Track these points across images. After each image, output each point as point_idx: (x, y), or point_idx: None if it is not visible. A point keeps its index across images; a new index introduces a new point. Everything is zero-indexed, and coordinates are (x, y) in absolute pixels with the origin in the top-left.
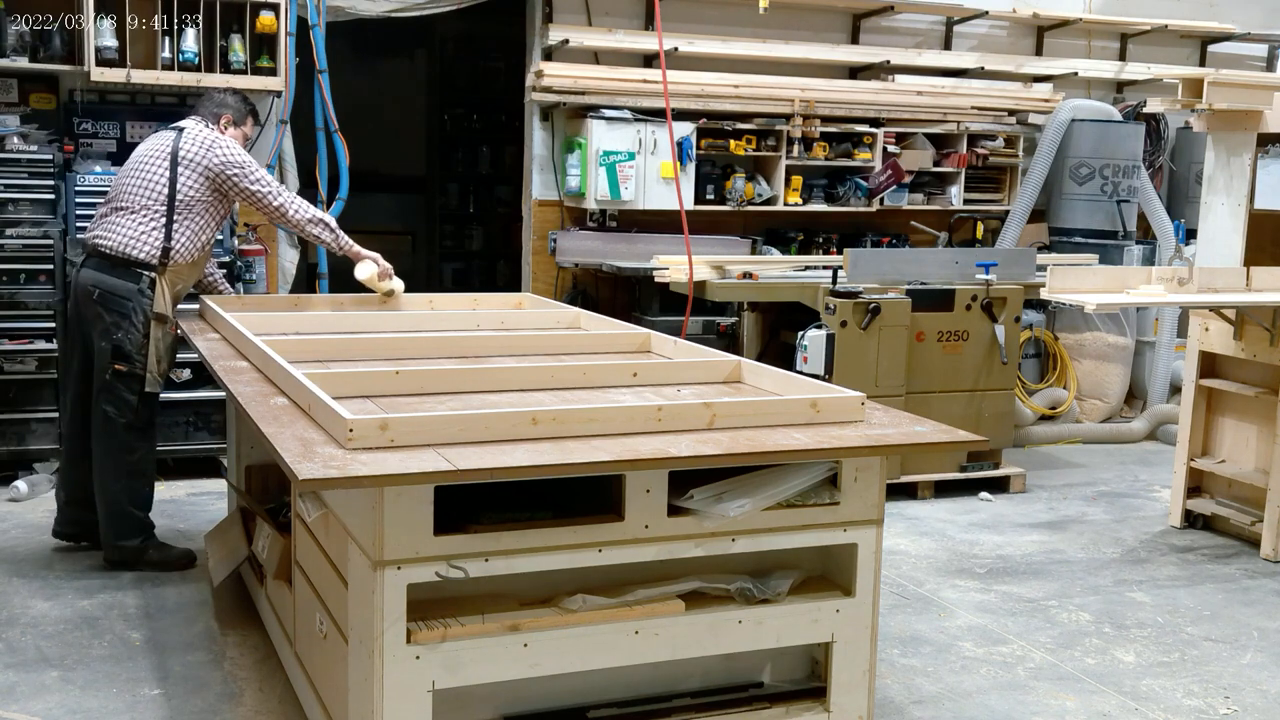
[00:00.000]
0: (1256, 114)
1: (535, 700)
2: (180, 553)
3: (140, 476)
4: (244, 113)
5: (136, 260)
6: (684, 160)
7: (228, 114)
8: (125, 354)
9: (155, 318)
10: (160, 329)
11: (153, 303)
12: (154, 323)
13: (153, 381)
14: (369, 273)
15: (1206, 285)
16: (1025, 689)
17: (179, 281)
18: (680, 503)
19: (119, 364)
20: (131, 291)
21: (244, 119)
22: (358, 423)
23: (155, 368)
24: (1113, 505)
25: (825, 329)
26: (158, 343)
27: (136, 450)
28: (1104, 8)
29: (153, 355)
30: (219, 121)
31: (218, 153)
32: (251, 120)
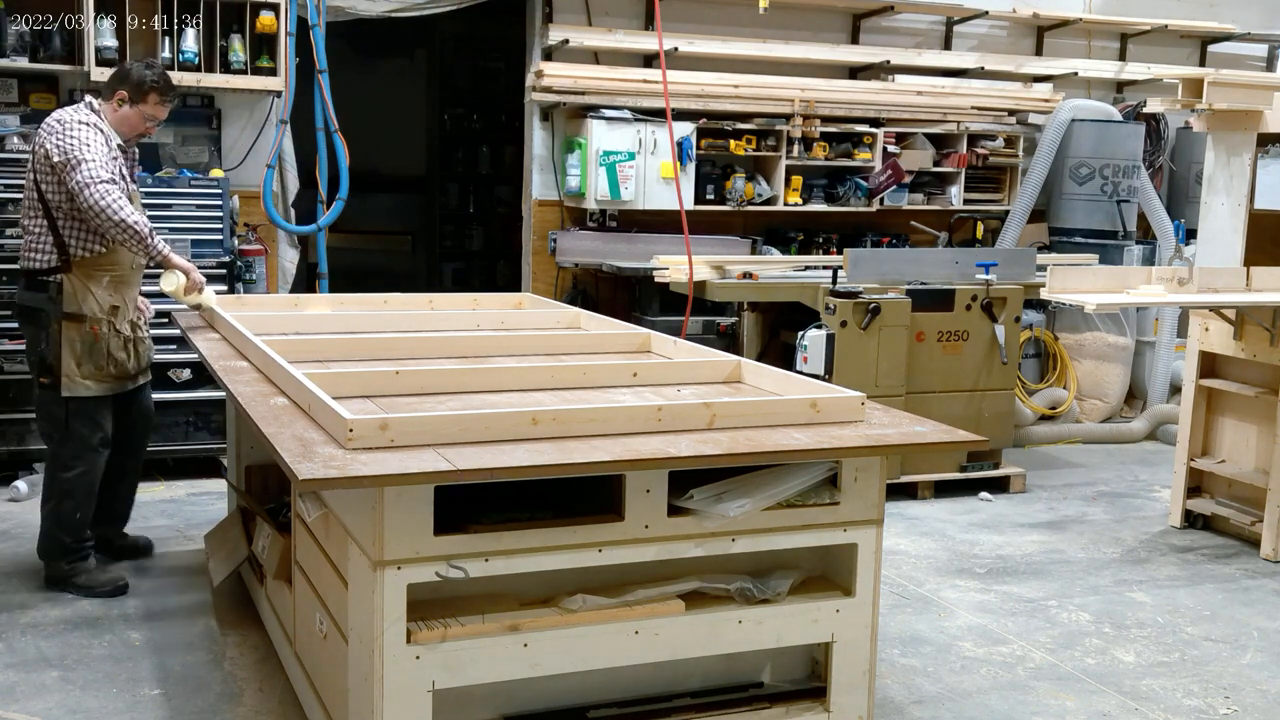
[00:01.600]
0: (1256, 114)
1: (535, 700)
2: (106, 580)
3: (69, 498)
4: (145, 88)
5: (39, 270)
6: (684, 160)
7: (123, 89)
8: (45, 365)
9: (65, 317)
10: (76, 329)
11: (63, 304)
12: (65, 323)
13: (71, 385)
14: (174, 284)
15: (1206, 285)
16: (1025, 689)
17: (104, 273)
18: (680, 503)
19: (42, 377)
20: (42, 301)
21: (143, 95)
22: (358, 423)
23: (73, 370)
24: (1113, 505)
25: (825, 329)
26: (72, 344)
27: (71, 468)
28: (1104, 8)
29: (67, 357)
30: (112, 96)
31: (53, 139)
32: (155, 96)
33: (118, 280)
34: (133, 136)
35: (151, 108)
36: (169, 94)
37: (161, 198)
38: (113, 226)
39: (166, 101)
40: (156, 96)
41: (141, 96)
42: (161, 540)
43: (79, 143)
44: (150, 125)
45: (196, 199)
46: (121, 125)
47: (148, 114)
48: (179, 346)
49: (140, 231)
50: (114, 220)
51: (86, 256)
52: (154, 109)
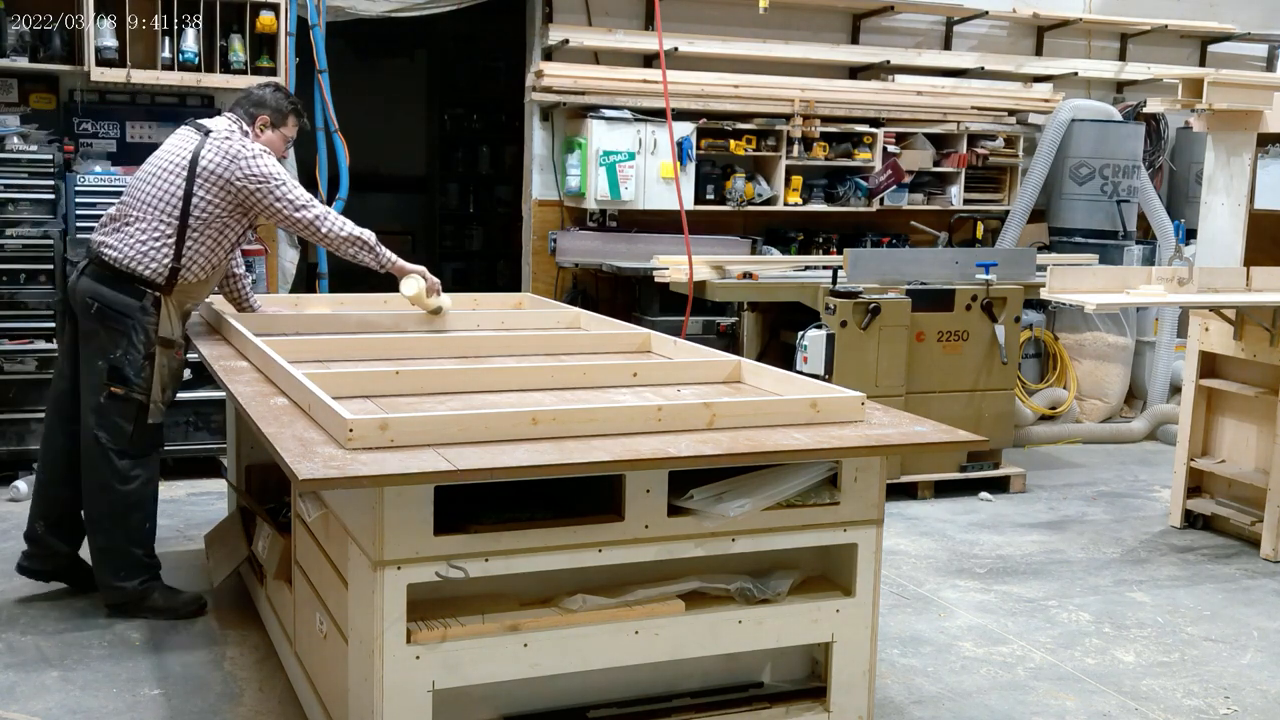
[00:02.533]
0: (1256, 114)
1: (535, 700)
2: (189, 598)
3: (137, 509)
4: (285, 112)
5: (140, 276)
6: (684, 160)
7: (265, 114)
8: (123, 376)
9: (160, 342)
10: (165, 354)
11: (157, 324)
12: (159, 347)
13: (156, 411)
14: (415, 289)
15: (1206, 285)
16: (1025, 689)
17: (188, 300)
18: (680, 503)
19: (115, 386)
20: (133, 309)
21: (284, 119)
22: (358, 423)
23: (159, 396)
24: (1113, 505)
25: (825, 329)
26: (161, 369)
27: (132, 480)
28: (1104, 8)
29: (157, 383)
30: (254, 123)
31: (242, 166)
32: (293, 120)
33: (192, 309)
34: None
35: (290, 130)
36: (304, 116)
37: None
38: (342, 242)
39: (302, 126)
40: (295, 119)
41: (283, 121)
42: (162, 540)
43: (277, 169)
44: (288, 149)
45: None
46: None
47: (288, 136)
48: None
49: (370, 242)
50: (349, 236)
51: (189, 282)
52: (292, 131)
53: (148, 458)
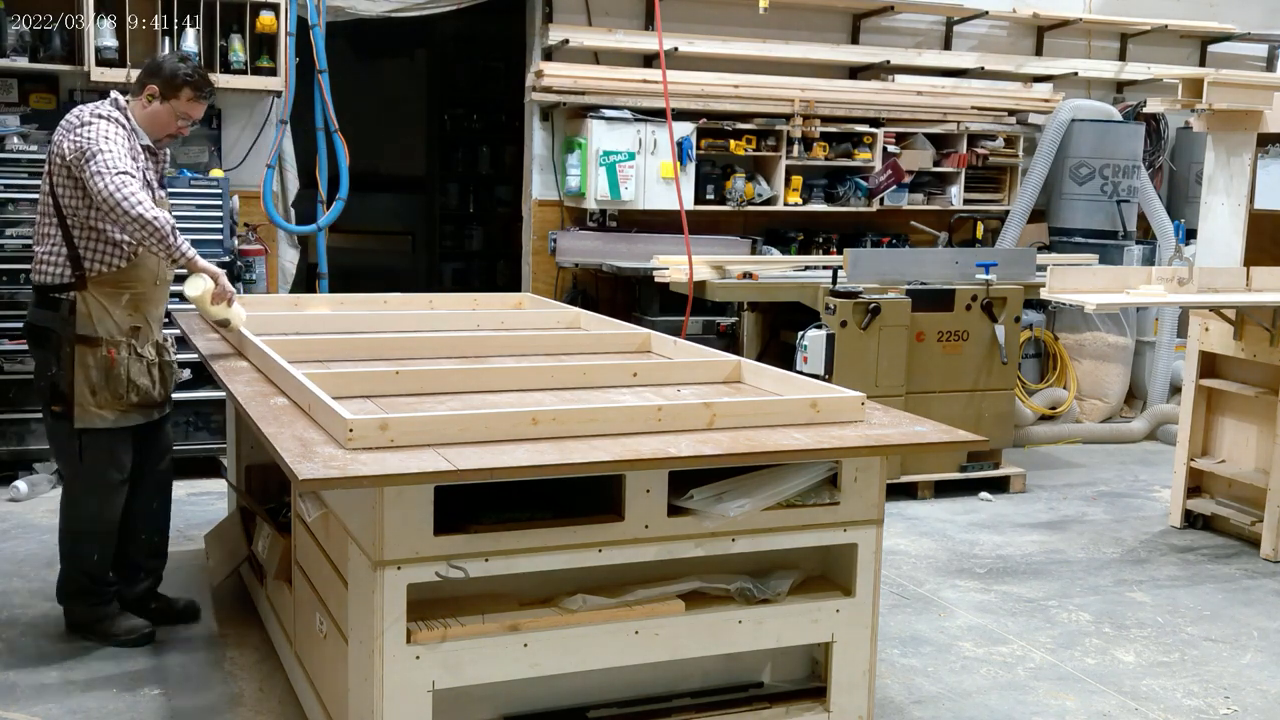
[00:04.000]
0: (1256, 114)
1: (535, 700)
2: (128, 627)
3: (86, 541)
4: (178, 82)
5: (50, 285)
6: (684, 160)
7: (154, 84)
8: (58, 392)
9: (79, 339)
10: (91, 353)
11: (76, 325)
12: (79, 346)
13: (84, 416)
14: (198, 290)
15: (1206, 285)
16: (1025, 689)
17: (124, 290)
18: (680, 503)
19: (55, 405)
20: (53, 320)
21: (175, 90)
22: (358, 423)
23: (87, 399)
24: (1113, 505)
25: (825, 329)
26: (87, 369)
27: (85, 506)
28: (1104, 8)
29: (81, 384)
30: (142, 91)
31: (70, 138)
32: (189, 92)
33: (139, 298)
34: (163, 137)
35: (185, 104)
36: (204, 90)
37: None
38: (130, 222)
39: (201, 98)
40: (190, 92)
41: (173, 92)
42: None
43: (97, 135)
44: (183, 125)
45: (196, 199)
46: (150, 124)
47: (180, 111)
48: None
49: (160, 228)
50: (130, 214)
51: (104, 272)
52: (187, 106)
53: (103, 484)
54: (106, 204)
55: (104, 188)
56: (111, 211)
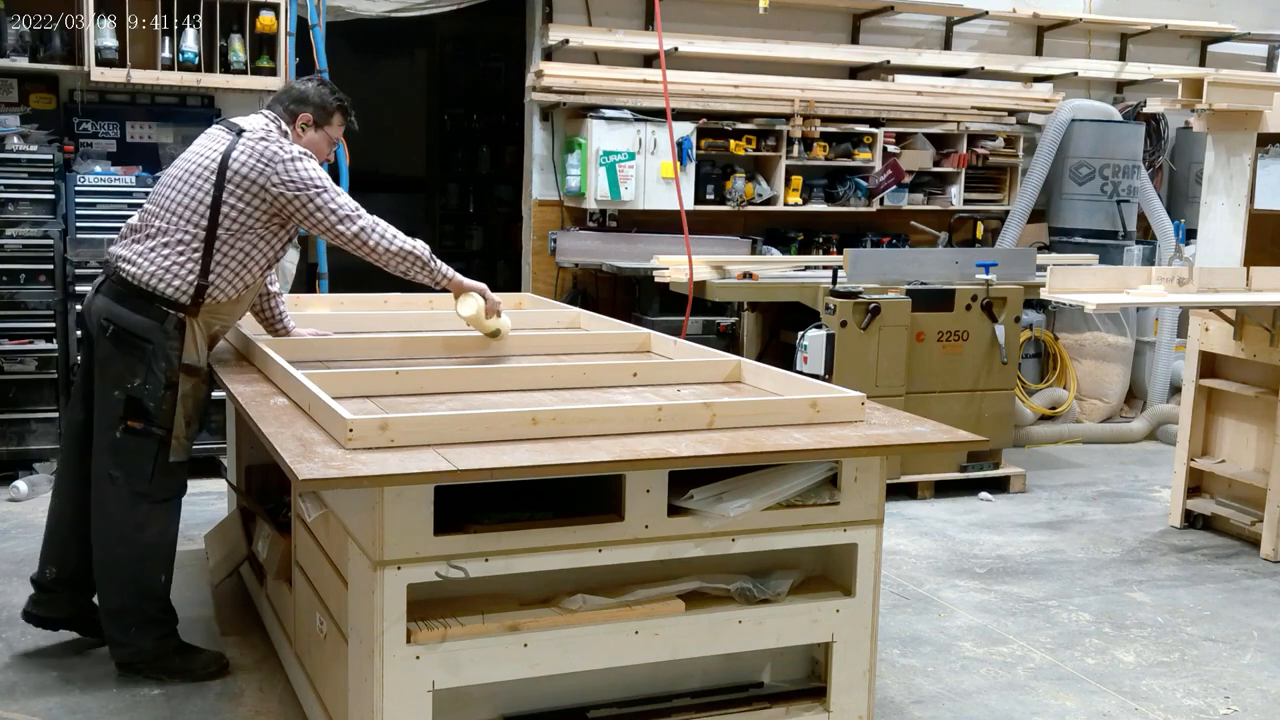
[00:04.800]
0: (1256, 114)
1: (535, 700)
2: (209, 659)
3: (152, 560)
4: (330, 109)
5: (162, 295)
6: (684, 160)
7: (307, 112)
8: (142, 409)
9: (184, 369)
10: (190, 382)
11: (181, 349)
12: (182, 375)
13: (179, 449)
14: (473, 309)
15: (1206, 285)
16: (1025, 689)
17: (216, 322)
18: (680, 503)
19: (133, 420)
20: (153, 331)
21: (329, 117)
22: (358, 423)
23: (182, 431)
24: (1113, 505)
25: (825, 329)
26: (185, 400)
27: (149, 527)
28: (1104, 8)
29: (179, 416)
30: (294, 121)
31: (279, 170)
32: (339, 118)
33: (220, 332)
34: None
35: (336, 130)
36: (352, 112)
37: None
38: (392, 257)
39: (349, 123)
40: (341, 118)
41: (328, 118)
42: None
43: (317, 174)
44: (331, 152)
45: None
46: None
47: (333, 137)
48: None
49: (422, 255)
50: (392, 250)
51: (218, 301)
52: (337, 131)
53: (167, 503)
54: (366, 245)
55: (361, 230)
56: (373, 252)
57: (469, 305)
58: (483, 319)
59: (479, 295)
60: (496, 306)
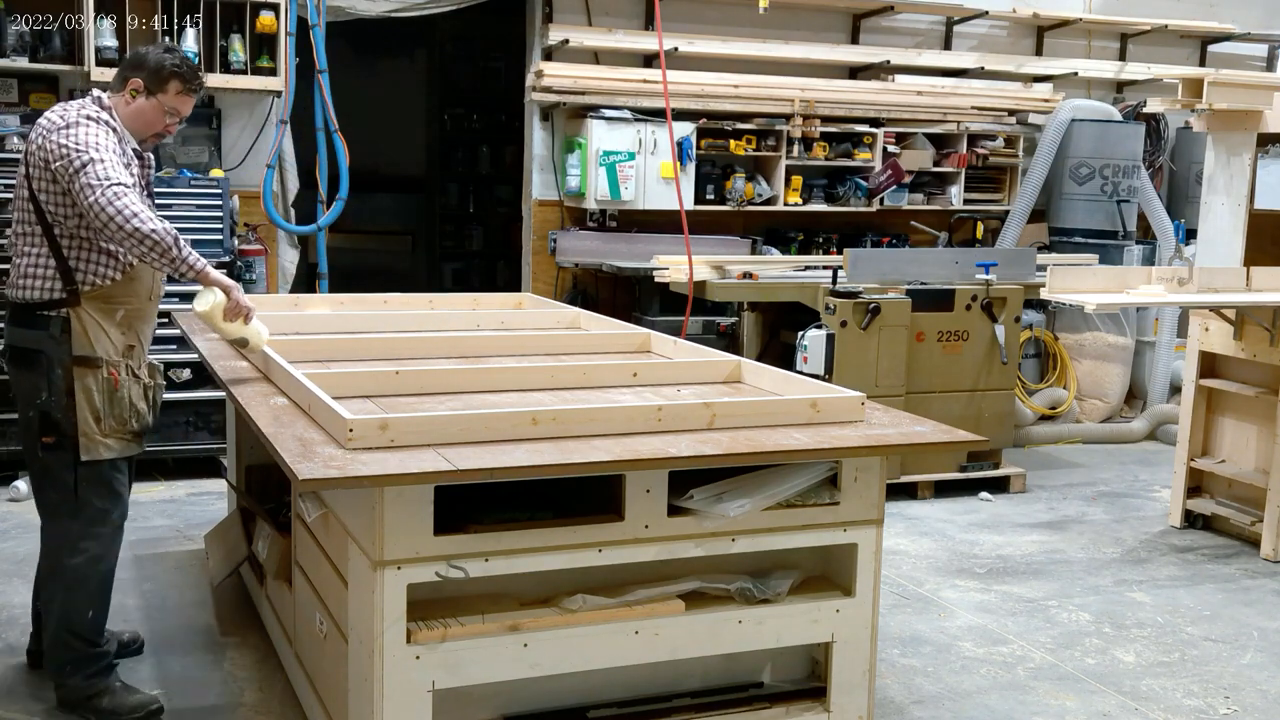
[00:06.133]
0: (1256, 114)
1: (535, 700)
2: (136, 703)
3: (80, 589)
4: (164, 74)
5: (36, 301)
6: (684, 160)
7: (138, 77)
8: (51, 421)
9: (77, 362)
10: (92, 375)
11: (72, 347)
12: (77, 369)
13: (91, 446)
14: (206, 305)
15: (1206, 285)
16: (1025, 689)
17: (118, 306)
18: (680, 503)
19: (46, 435)
20: (42, 340)
21: (162, 83)
22: (358, 423)
23: (92, 428)
24: (1113, 505)
25: (825, 329)
26: (89, 393)
27: (80, 552)
28: (1104, 8)
29: (84, 410)
30: (124, 87)
31: (51, 139)
32: (177, 84)
33: (133, 315)
34: (149, 136)
35: (173, 99)
36: (193, 83)
37: (161, 198)
38: (127, 238)
39: (190, 91)
40: (179, 85)
41: (160, 85)
42: (161, 540)
43: (86, 141)
44: (171, 123)
45: (196, 199)
46: (136, 122)
47: (169, 107)
48: (179, 346)
49: (163, 240)
50: (126, 229)
51: (98, 285)
52: (175, 100)
53: (101, 525)
54: (100, 219)
55: (96, 201)
56: (106, 227)
57: (205, 300)
58: (220, 319)
59: (221, 291)
60: (245, 310)
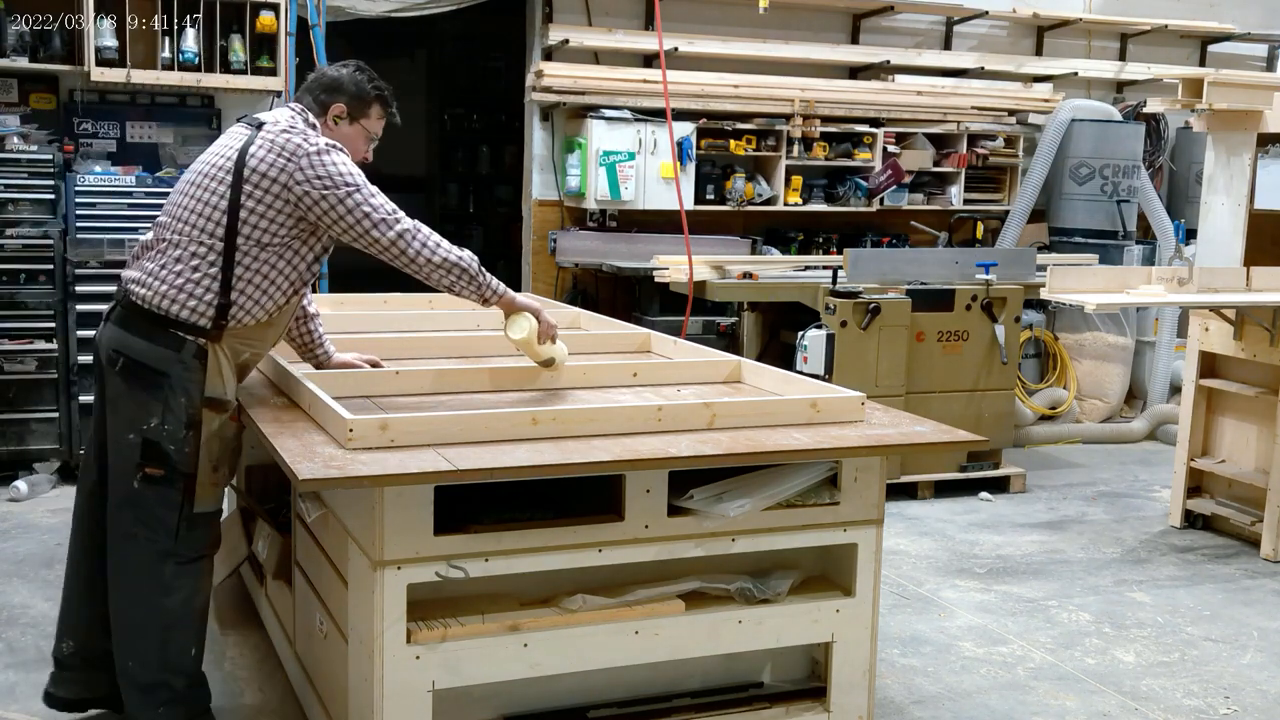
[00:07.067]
0: (1256, 114)
1: (535, 700)
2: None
3: (180, 629)
4: (367, 99)
5: (177, 319)
6: (684, 160)
7: (340, 101)
8: (161, 453)
9: (207, 403)
10: (217, 419)
11: (205, 381)
12: (205, 411)
13: (206, 498)
14: (524, 333)
15: (1206, 285)
16: (1025, 689)
17: (245, 349)
18: (680, 503)
19: (150, 466)
20: (170, 362)
21: (365, 108)
22: (358, 423)
23: (209, 476)
24: (1113, 505)
25: (825, 329)
26: (211, 439)
27: (175, 591)
28: (1104, 8)
29: (204, 459)
30: (326, 113)
31: (304, 165)
32: (378, 109)
33: (254, 358)
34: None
35: (374, 123)
36: (392, 104)
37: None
38: (435, 269)
39: (389, 115)
40: (380, 109)
41: (364, 110)
42: None
43: (347, 170)
44: (369, 149)
45: None
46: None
47: (371, 132)
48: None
49: (470, 268)
50: (437, 260)
51: (245, 323)
52: (375, 125)
53: (197, 562)
54: (406, 254)
55: (400, 235)
56: (414, 261)
57: (520, 328)
58: (535, 344)
59: (532, 317)
60: (552, 331)
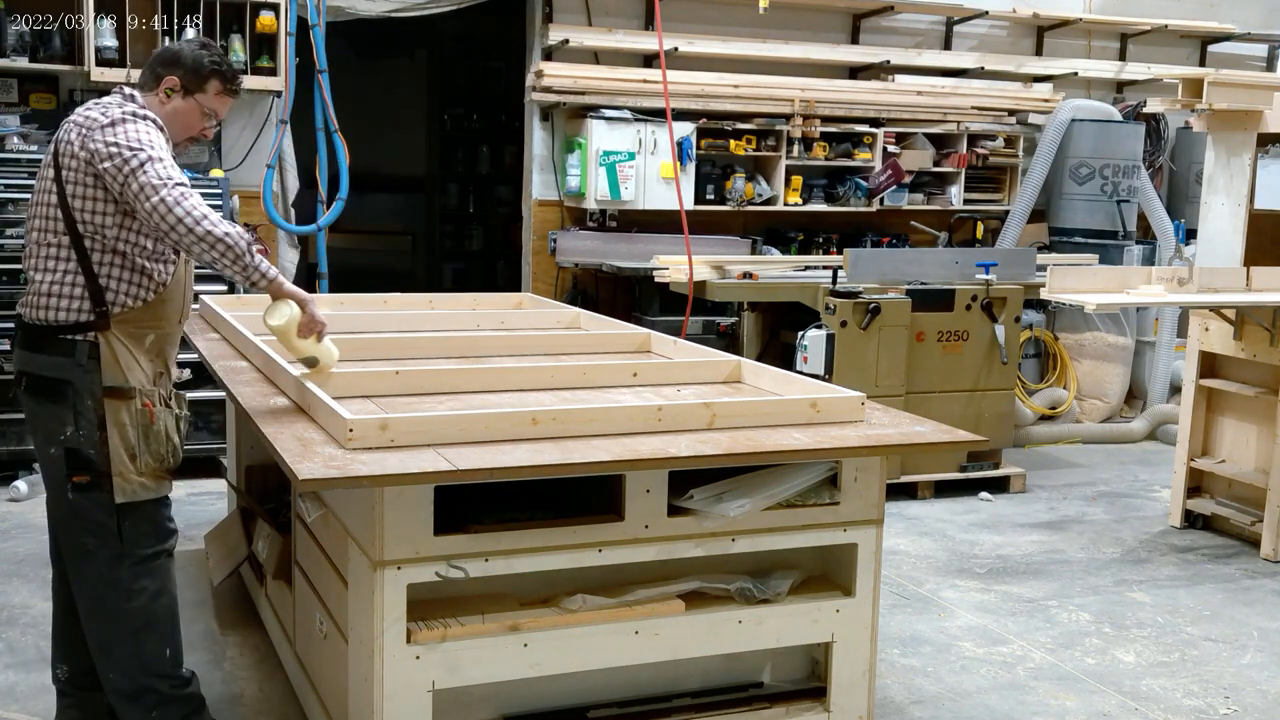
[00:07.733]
0: (1256, 114)
1: (535, 700)
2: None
3: (150, 631)
4: (204, 73)
5: (60, 324)
6: (684, 160)
7: (173, 75)
8: (82, 459)
9: (108, 394)
10: (122, 406)
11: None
12: (108, 401)
13: (127, 487)
14: (281, 320)
15: (1206, 285)
16: (1025, 689)
17: (148, 331)
18: (680, 503)
19: (77, 475)
20: (67, 368)
21: (201, 82)
22: (358, 423)
23: (126, 466)
24: (1113, 505)
25: (825, 329)
26: (122, 428)
27: (138, 593)
28: (1104, 8)
29: (118, 449)
30: (158, 85)
31: (96, 136)
32: (217, 83)
33: (163, 339)
34: (184, 140)
35: (212, 99)
36: (234, 82)
37: None
38: (197, 241)
39: (230, 92)
40: (218, 84)
41: (200, 84)
42: None
43: (139, 139)
44: (208, 126)
45: None
46: (172, 124)
47: (207, 108)
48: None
49: (237, 245)
50: (199, 232)
51: (129, 308)
52: (215, 101)
53: (153, 560)
54: (166, 221)
55: (162, 201)
56: (173, 230)
57: (280, 314)
58: (292, 336)
59: (296, 305)
60: (318, 327)
